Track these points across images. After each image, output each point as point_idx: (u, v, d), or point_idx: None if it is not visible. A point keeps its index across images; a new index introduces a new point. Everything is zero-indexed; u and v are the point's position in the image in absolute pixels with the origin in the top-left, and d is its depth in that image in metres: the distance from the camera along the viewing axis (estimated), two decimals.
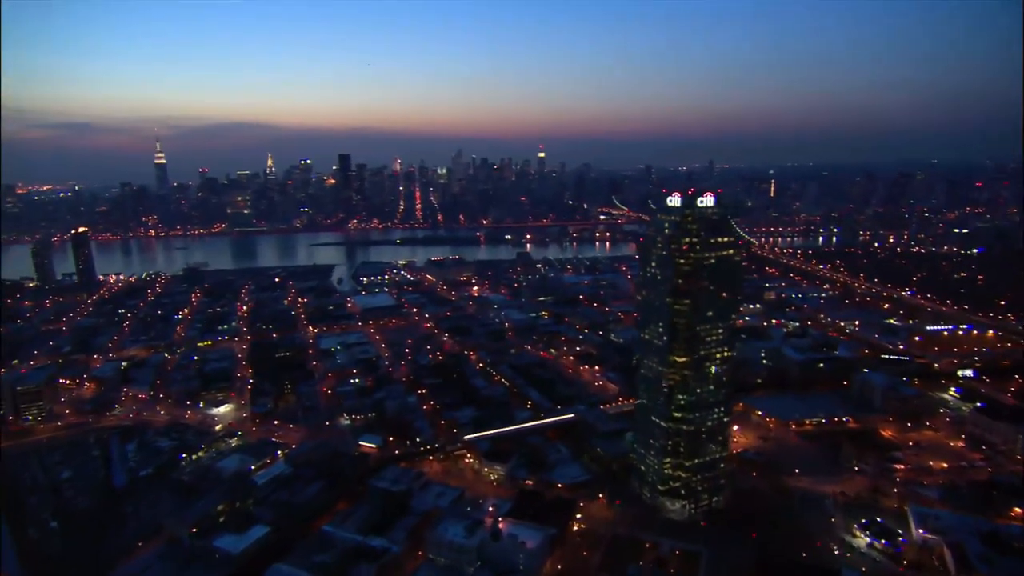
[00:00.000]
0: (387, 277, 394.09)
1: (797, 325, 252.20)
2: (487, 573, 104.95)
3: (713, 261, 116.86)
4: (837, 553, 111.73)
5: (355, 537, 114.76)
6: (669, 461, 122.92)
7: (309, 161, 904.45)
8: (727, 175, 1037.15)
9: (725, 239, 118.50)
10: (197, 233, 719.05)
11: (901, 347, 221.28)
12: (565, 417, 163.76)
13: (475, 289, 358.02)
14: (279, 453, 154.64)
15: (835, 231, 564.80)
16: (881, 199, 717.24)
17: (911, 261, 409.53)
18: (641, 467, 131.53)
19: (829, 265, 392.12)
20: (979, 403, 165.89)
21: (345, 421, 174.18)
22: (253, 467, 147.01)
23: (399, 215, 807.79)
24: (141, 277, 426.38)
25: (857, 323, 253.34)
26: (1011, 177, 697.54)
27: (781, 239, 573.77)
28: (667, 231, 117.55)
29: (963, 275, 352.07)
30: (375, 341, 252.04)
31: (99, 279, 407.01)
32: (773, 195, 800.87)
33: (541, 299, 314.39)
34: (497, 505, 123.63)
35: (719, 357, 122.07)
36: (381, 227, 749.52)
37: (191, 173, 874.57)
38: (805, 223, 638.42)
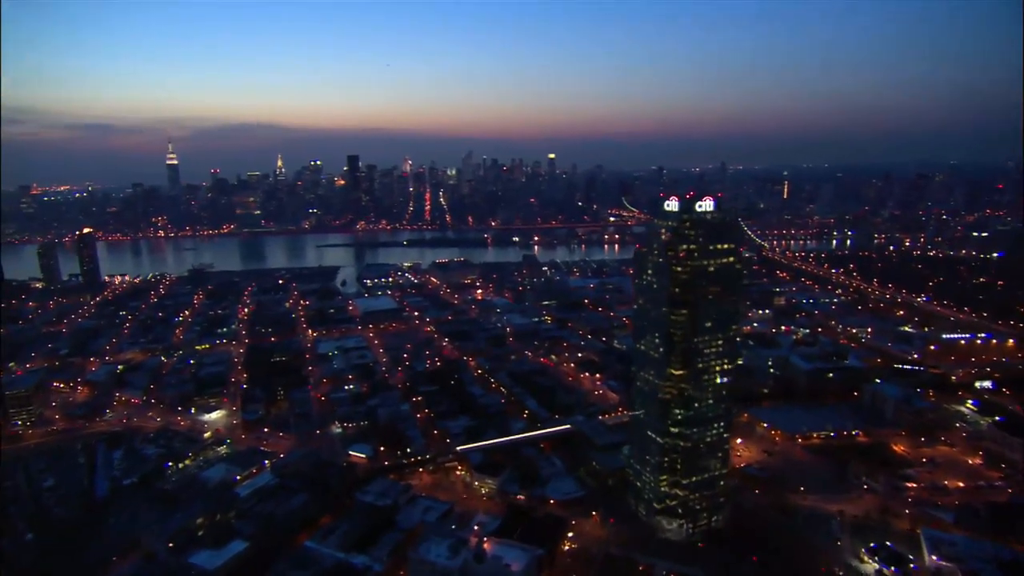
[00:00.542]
0: (391, 279, 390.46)
1: (807, 332, 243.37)
2: None
3: (712, 269, 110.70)
4: None
5: (336, 554, 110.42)
6: (666, 478, 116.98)
7: (319, 162, 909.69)
8: (740, 176, 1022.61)
9: (726, 246, 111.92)
10: (206, 234, 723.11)
11: (915, 356, 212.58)
12: (561, 428, 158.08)
13: (479, 292, 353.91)
14: (266, 463, 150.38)
15: (849, 234, 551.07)
16: (898, 201, 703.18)
17: (927, 265, 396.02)
18: (637, 483, 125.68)
19: (842, 269, 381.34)
20: (998, 417, 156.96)
21: (337, 429, 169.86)
22: (239, 477, 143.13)
23: (408, 216, 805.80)
24: (147, 278, 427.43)
25: (870, 330, 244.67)
26: None
27: (794, 242, 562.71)
28: (664, 237, 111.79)
29: (982, 280, 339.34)
30: (374, 346, 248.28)
31: (104, 280, 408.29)
32: (786, 197, 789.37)
33: (545, 303, 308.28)
34: (484, 523, 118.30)
35: (719, 369, 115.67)
36: (389, 228, 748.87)
37: (203, 174, 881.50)
38: (819, 226, 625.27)
